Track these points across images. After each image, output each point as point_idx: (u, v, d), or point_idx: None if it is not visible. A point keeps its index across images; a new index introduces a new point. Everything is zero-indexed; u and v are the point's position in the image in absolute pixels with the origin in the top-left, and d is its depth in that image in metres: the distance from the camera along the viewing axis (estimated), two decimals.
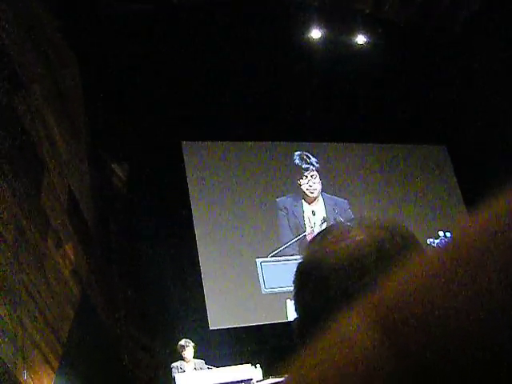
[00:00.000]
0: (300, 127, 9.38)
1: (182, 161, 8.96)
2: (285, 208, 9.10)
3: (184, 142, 9.12)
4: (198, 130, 9.02)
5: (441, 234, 9.00)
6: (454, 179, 10.34)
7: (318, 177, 9.53)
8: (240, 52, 8.49)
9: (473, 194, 9.16)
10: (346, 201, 9.46)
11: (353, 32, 9.04)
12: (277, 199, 9.14)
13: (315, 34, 8.88)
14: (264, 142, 9.59)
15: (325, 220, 9.13)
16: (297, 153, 9.67)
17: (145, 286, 8.20)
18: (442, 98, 9.76)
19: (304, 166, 9.58)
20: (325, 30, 8.85)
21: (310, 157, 9.67)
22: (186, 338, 6.65)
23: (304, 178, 9.48)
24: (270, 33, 8.44)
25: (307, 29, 8.83)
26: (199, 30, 8.20)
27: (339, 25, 8.91)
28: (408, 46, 9.12)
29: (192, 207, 8.66)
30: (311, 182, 9.45)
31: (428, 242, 8.58)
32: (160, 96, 8.55)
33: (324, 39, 8.92)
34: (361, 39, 9.03)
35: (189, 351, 6.47)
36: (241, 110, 8.82)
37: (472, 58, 9.44)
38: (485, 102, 9.57)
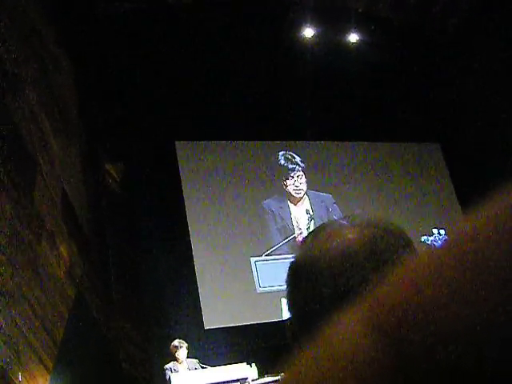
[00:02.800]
0: (294, 126, 9.37)
1: (176, 161, 8.94)
2: (271, 211, 9.07)
3: (177, 142, 9.10)
4: (192, 130, 9.01)
5: (435, 231, 8.99)
6: (448, 177, 10.35)
7: (304, 176, 9.50)
8: (232, 52, 8.48)
9: (466, 191, 9.18)
10: (330, 195, 9.44)
11: (346, 30, 9.03)
12: (262, 202, 9.10)
13: (308, 32, 8.87)
14: (259, 142, 9.58)
15: (312, 218, 9.11)
16: (281, 153, 9.61)
17: (140, 287, 8.18)
18: (435, 96, 9.78)
19: (290, 166, 9.53)
20: (318, 28, 8.84)
21: (295, 156, 9.62)
22: (181, 337, 6.64)
23: (290, 178, 9.43)
24: (262, 32, 8.43)
25: (300, 27, 8.83)
26: (193, 30, 8.19)
27: (332, 23, 8.90)
28: (402, 44, 9.12)
29: (186, 206, 8.64)
30: (297, 183, 9.40)
31: (422, 240, 8.58)
32: (154, 96, 8.54)
33: (317, 38, 8.92)
34: (354, 38, 9.03)
35: (182, 352, 6.46)
36: (234, 109, 8.80)
37: (466, 56, 9.46)
38: (478, 100, 9.59)
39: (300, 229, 8.97)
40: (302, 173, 9.49)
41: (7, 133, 4.50)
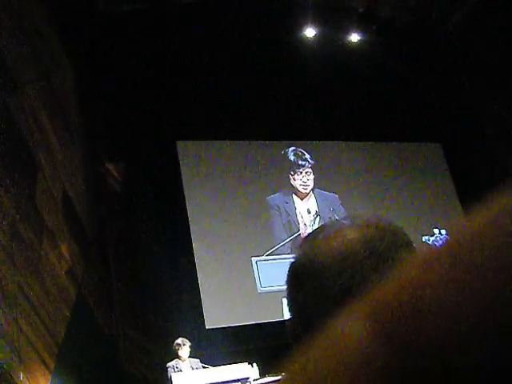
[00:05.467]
0: (294, 126, 9.37)
1: (177, 160, 8.94)
2: (277, 206, 9.07)
3: (179, 142, 9.10)
4: (193, 130, 9.00)
5: (436, 231, 9.00)
6: (449, 177, 10.34)
7: (312, 173, 9.52)
8: (234, 51, 8.48)
9: (467, 191, 9.17)
10: (336, 195, 9.45)
11: (347, 30, 9.03)
12: (267, 198, 9.11)
13: (309, 32, 8.87)
14: (259, 141, 9.58)
15: (318, 215, 9.11)
16: (291, 149, 9.64)
17: (141, 286, 8.18)
18: (436, 96, 9.77)
19: (300, 162, 9.55)
20: (319, 28, 8.85)
21: (305, 153, 9.66)
22: (183, 337, 6.64)
23: (299, 173, 9.45)
24: (264, 31, 8.43)
25: (301, 27, 8.83)
26: (195, 30, 8.19)
27: (333, 23, 8.91)
28: (402, 43, 9.12)
29: (187, 206, 8.64)
30: (305, 179, 9.42)
31: (423, 240, 8.58)
32: (155, 95, 8.54)
33: (318, 38, 8.92)
34: (355, 37, 9.03)
35: (185, 350, 6.47)
36: (236, 109, 8.80)
37: (467, 55, 9.45)
38: (479, 100, 9.58)
39: (305, 225, 8.97)
40: (310, 170, 9.52)
41: (9, 133, 4.50)
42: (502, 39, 8.50)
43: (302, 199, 9.28)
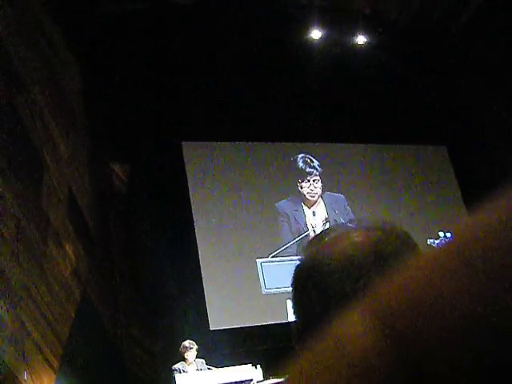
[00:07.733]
0: (300, 128, 9.36)
1: (183, 161, 8.95)
2: (285, 214, 9.06)
3: (184, 143, 9.11)
4: (199, 131, 9.01)
5: (441, 234, 8.98)
6: (454, 179, 10.33)
7: (320, 181, 9.51)
8: (240, 52, 8.48)
9: (473, 194, 9.15)
10: (342, 196, 9.45)
11: (353, 32, 9.03)
12: (276, 204, 9.10)
13: (315, 34, 8.87)
14: (265, 143, 9.57)
15: (327, 221, 9.11)
16: (300, 156, 9.62)
17: (145, 287, 8.19)
18: (442, 98, 9.75)
19: (308, 169, 9.54)
20: (325, 30, 8.85)
21: (314, 160, 9.64)
22: (187, 339, 6.64)
23: (306, 181, 9.44)
24: (270, 33, 8.44)
25: (307, 29, 8.83)
26: (201, 31, 8.20)
27: (339, 25, 8.90)
28: (408, 46, 9.11)
29: (192, 208, 8.64)
30: (312, 187, 9.41)
31: (428, 243, 8.56)
32: (160, 96, 8.55)
33: (324, 40, 8.92)
34: (361, 39, 9.03)
35: (192, 353, 6.46)
36: (241, 110, 8.81)
37: (472, 57, 9.43)
38: (485, 102, 9.56)
39: (314, 231, 8.96)
40: (318, 177, 9.51)
41: (15, 133, 4.52)
42: (508, 39, 8.48)
43: (309, 207, 9.28)
